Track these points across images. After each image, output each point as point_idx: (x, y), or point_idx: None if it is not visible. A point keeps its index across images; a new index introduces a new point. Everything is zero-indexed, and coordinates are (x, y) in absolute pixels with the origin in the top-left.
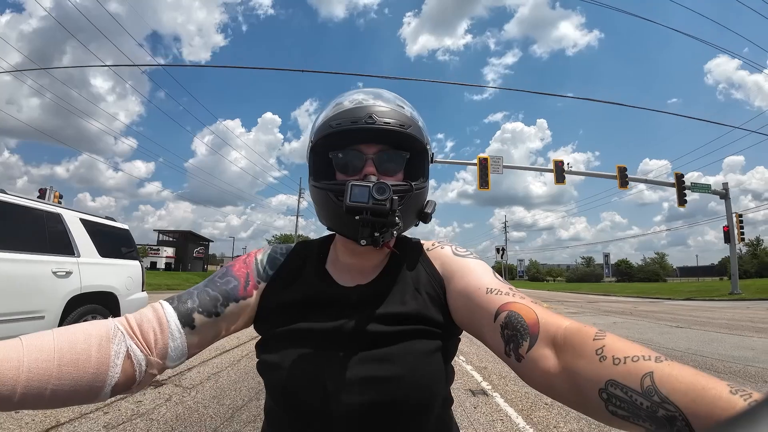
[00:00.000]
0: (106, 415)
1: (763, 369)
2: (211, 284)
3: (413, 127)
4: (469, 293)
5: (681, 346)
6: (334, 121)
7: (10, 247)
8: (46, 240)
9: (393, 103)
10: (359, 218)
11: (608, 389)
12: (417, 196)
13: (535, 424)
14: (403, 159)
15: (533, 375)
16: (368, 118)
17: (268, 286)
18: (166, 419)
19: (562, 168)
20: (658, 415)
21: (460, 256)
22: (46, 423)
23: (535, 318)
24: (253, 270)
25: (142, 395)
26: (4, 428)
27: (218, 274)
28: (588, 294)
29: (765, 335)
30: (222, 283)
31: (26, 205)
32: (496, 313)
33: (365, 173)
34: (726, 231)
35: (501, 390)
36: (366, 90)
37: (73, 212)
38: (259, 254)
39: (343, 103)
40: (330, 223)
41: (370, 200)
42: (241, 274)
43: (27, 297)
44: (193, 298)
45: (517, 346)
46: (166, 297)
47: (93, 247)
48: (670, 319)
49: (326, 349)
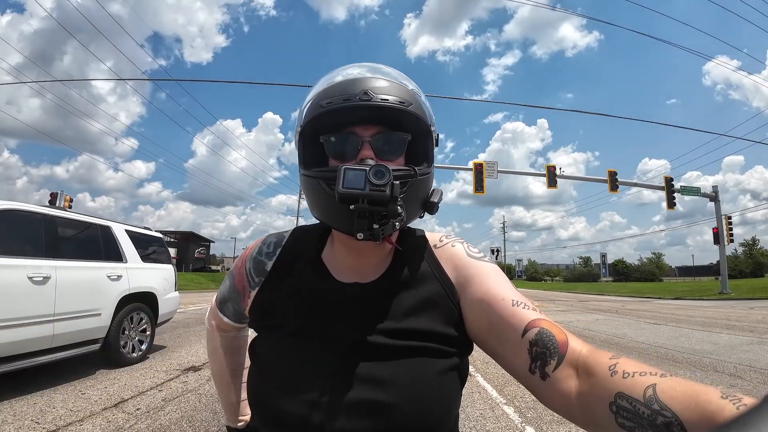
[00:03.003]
0: (161, 392)
1: (716, 360)
2: (231, 299)
3: (415, 105)
4: (491, 303)
5: (650, 340)
6: (324, 100)
7: (76, 256)
8: (101, 249)
9: (392, 77)
10: (354, 207)
11: (617, 402)
12: (421, 182)
13: (506, 395)
14: (404, 141)
15: (554, 395)
16: (363, 94)
17: (257, 291)
18: (210, 394)
19: (554, 172)
20: (657, 423)
21: (475, 258)
22: (112, 400)
23: (565, 339)
24: (245, 279)
25: (186, 377)
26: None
27: (228, 288)
28: (582, 293)
29: (733, 332)
30: (233, 300)
31: (84, 220)
32: (525, 329)
33: (361, 158)
34: (715, 232)
35: (482, 372)
36: (362, 64)
37: (119, 224)
38: (248, 261)
39: (335, 78)
40: (322, 215)
41: (367, 186)
42: (240, 288)
43: (89, 298)
44: (226, 313)
45: (544, 364)
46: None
47: (136, 254)
48: (650, 317)
49: (317, 363)
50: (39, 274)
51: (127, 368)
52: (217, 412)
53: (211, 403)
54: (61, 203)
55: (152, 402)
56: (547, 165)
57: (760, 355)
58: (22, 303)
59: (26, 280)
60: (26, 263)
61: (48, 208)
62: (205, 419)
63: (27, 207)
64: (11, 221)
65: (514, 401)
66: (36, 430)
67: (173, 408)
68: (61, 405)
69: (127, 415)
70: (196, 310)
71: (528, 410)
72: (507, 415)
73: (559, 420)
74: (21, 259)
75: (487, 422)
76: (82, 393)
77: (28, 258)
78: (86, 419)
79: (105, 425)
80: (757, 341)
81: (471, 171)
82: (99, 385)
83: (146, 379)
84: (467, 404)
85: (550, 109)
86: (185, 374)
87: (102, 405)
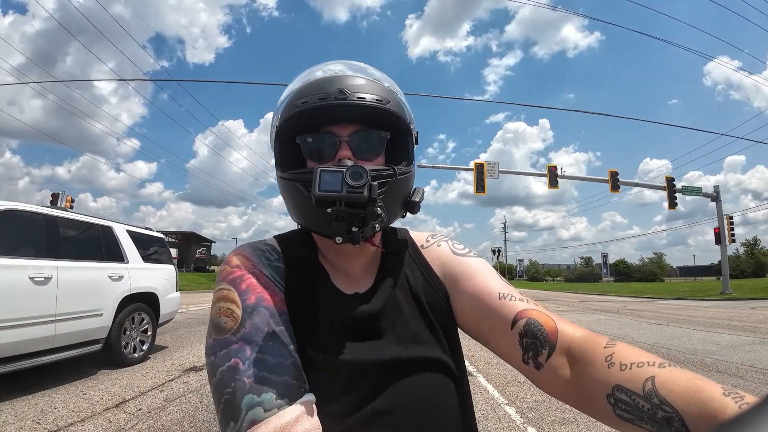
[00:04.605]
0: (162, 392)
1: (718, 361)
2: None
3: (393, 102)
4: (480, 298)
5: (652, 340)
6: (299, 99)
7: (77, 256)
8: (102, 250)
9: (367, 74)
10: (332, 210)
11: (615, 394)
12: (402, 182)
13: (507, 395)
14: (383, 140)
15: (551, 383)
16: (339, 92)
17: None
18: None
19: (555, 173)
20: (657, 417)
21: (460, 255)
22: (114, 400)
23: (554, 326)
24: (274, 286)
25: (188, 377)
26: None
27: (265, 335)
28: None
29: (735, 332)
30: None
31: (85, 220)
32: (513, 321)
33: (339, 158)
34: (717, 232)
35: (484, 372)
36: (337, 61)
37: (121, 225)
38: (265, 269)
39: (310, 76)
40: (301, 219)
41: (344, 188)
42: (278, 305)
43: (90, 298)
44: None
45: (536, 355)
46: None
47: (137, 254)
48: (652, 317)
49: (326, 379)
50: (40, 275)
51: (128, 368)
52: None
53: (213, 403)
54: (63, 203)
55: (153, 402)
56: (548, 165)
57: (762, 356)
58: (23, 303)
59: (28, 281)
60: (28, 263)
61: (49, 208)
62: (207, 419)
63: (28, 207)
64: (13, 221)
65: (515, 402)
66: (37, 430)
67: (175, 408)
68: (63, 405)
69: (128, 415)
70: (197, 311)
71: (530, 411)
72: (509, 416)
73: (561, 421)
74: (22, 259)
75: (489, 423)
76: (83, 393)
77: (29, 258)
78: (87, 419)
79: (106, 425)
80: (759, 341)
81: (472, 171)
82: (100, 386)
83: (147, 379)
84: None
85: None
86: (186, 374)
87: (103, 405)
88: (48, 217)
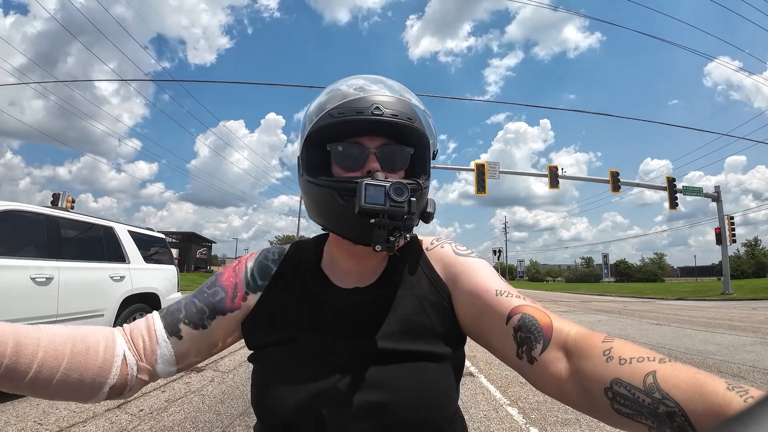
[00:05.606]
0: (164, 393)
1: (719, 361)
2: (199, 294)
3: (418, 121)
4: (478, 295)
5: (653, 341)
6: (336, 110)
7: (78, 257)
8: (103, 250)
9: (398, 93)
10: (375, 221)
11: (613, 388)
12: (424, 195)
13: (509, 396)
14: (407, 155)
15: (544, 378)
16: (375, 108)
17: (260, 296)
18: (214, 395)
19: (556, 173)
20: (659, 411)
21: (461, 255)
22: (115, 401)
23: (549, 321)
24: (242, 279)
25: (189, 377)
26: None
27: (207, 283)
28: (584, 294)
29: (736, 332)
30: (209, 294)
31: (86, 220)
32: (508, 316)
33: (368, 169)
34: (718, 233)
35: (485, 373)
36: (366, 76)
37: (122, 225)
38: (250, 261)
39: (341, 89)
40: (331, 224)
41: (387, 202)
42: (229, 285)
43: (92, 298)
44: (180, 308)
45: (530, 349)
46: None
47: (139, 254)
48: (653, 318)
49: (321, 368)
50: (42, 275)
51: None
52: (220, 413)
53: (215, 404)
54: (64, 204)
55: (155, 403)
56: (549, 165)
57: (763, 356)
58: (24, 304)
59: (29, 281)
60: (29, 264)
61: (50, 208)
62: (209, 420)
63: (29, 207)
64: (14, 222)
65: (518, 402)
66: (39, 431)
67: (176, 409)
68: (64, 406)
69: (130, 416)
70: None
71: (532, 411)
72: (511, 416)
73: (563, 421)
74: (23, 259)
75: (491, 423)
76: None
77: (30, 259)
78: (89, 420)
79: (108, 426)
80: (760, 342)
81: (473, 172)
82: None
83: None
84: (471, 405)
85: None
86: (188, 375)
87: (105, 406)
88: (49, 217)
